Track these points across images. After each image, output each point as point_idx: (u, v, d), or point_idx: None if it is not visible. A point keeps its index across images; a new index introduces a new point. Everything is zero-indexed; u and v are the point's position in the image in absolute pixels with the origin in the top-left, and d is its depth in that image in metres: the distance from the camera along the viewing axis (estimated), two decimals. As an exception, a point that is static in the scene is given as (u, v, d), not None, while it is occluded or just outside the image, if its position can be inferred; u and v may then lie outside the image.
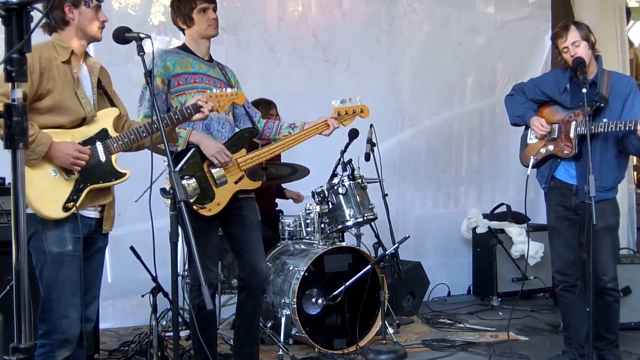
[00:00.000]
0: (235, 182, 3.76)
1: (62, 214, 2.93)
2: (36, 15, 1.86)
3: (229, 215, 3.78)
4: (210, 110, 3.29)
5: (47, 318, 2.96)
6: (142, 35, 2.94)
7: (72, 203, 2.95)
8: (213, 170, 3.70)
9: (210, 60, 3.88)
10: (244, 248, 3.82)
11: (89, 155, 2.99)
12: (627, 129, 3.86)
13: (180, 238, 2.91)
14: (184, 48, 3.83)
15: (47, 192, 2.91)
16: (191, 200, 3.58)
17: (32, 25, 1.85)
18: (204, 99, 3.28)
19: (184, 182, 3.59)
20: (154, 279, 3.93)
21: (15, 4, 1.80)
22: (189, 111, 3.23)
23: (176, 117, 3.21)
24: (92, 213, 3.09)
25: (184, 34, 3.89)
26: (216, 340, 3.94)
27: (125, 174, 3.10)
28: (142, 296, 4.25)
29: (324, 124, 3.93)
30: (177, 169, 3.56)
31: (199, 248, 3.55)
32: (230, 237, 3.88)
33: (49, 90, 2.92)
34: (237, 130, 3.93)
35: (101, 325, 4.36)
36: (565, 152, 4.11)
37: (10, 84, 1.83)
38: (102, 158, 3.05)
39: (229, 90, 3.49)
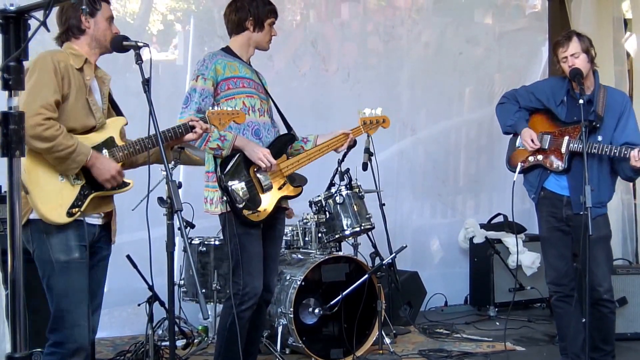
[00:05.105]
0: (279, 188, 3.74)
1: (66, 219, 2.92)
2: (34, 23, 1.86)
3: (265, 224, 3.73)
4: (205, 130, 3.27)
5: (59, 328, 2.93)
6: (140, 44, 2.94)
7: (76, 209, 2.94)
8: (259, 176, 3.67)
9: (250, 65, 3.86)
10: (266, 261, 3.75)
11: (123, 178, 3.05)
12: (621, 155, 3.86)
13: (176, 247, 2.91)
14: (228, 51, 3.77)
15: (52, 196, 2.90)
16: (240, 206, 3.56)
17: (30, 33, 1.85)
18: (196, 118, 3.26)
19: (235, 187, 3.57)
20: (151, 287, 3.93)
21: (13, 12, 1.81)
22: (180, 130, 3.19)
23: (169, 134, 3.16)
24: (95, 220, 3.08)
25: (232, 35, 3.81)
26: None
27: (129, 183, 3.11)
28: (139, 305, 4.24)
29: (341, 138, 3.94)
30: (224, 174, 3.55)
31: (246, 256, 3.56)
32: None
33: (66, 96, 2.93)
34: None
35: (97, 335, 4.33)
36: (555, 165, 4.08)
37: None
38: None
39: (229, 108, 3.46)
